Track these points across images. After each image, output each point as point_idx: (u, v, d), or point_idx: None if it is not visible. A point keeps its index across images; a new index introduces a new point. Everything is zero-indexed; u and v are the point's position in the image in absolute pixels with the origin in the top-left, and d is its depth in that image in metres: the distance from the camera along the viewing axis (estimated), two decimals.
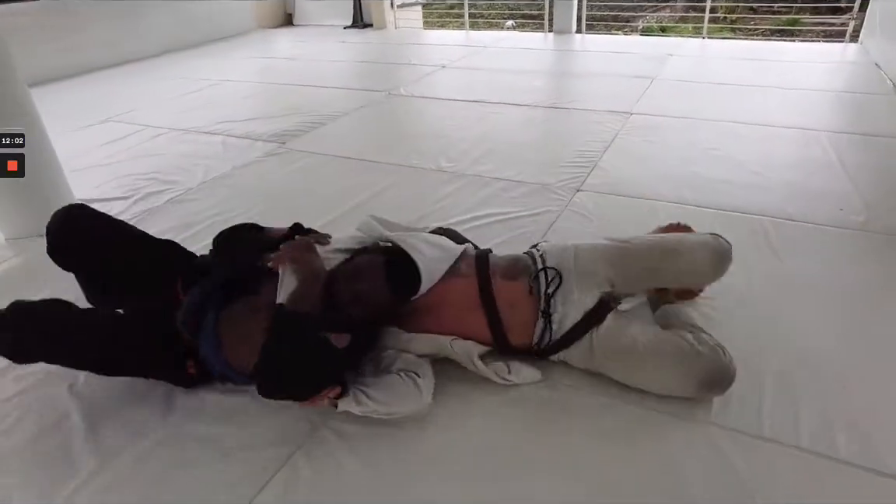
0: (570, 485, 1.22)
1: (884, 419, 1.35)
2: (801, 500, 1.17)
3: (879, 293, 1.84)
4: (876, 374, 1.49)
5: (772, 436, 1.31)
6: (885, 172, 2.66)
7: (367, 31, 6.83)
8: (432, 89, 4.34)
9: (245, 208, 2.57)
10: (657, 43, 5.82)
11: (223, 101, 4.35)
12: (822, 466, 1.24)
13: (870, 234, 2.16)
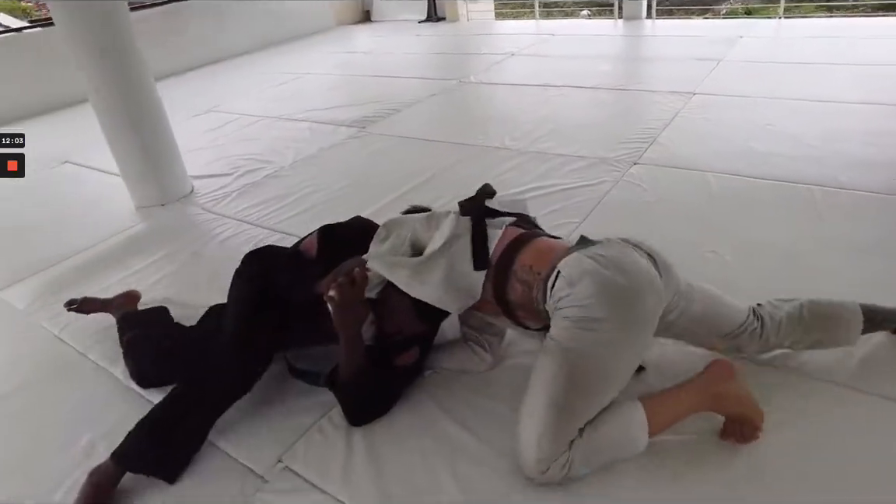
0: None
1: None
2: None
3: None
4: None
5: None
6: None
7: (441, 25, 7.13)
8: (501, 76, 4.56)
9: (331, 183, 2.92)
10: (729, 25, 5.77)
11: (308, 91, 4.78)
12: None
13: None
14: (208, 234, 2.55)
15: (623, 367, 1.21)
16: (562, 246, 1.32)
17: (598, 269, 1.18)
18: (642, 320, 1.20)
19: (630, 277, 1.18)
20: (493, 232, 1.37)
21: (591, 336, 1.16)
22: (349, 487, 1.29)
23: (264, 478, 1.34)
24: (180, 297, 2.08)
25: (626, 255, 1.23)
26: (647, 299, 1.19)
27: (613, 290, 1.17)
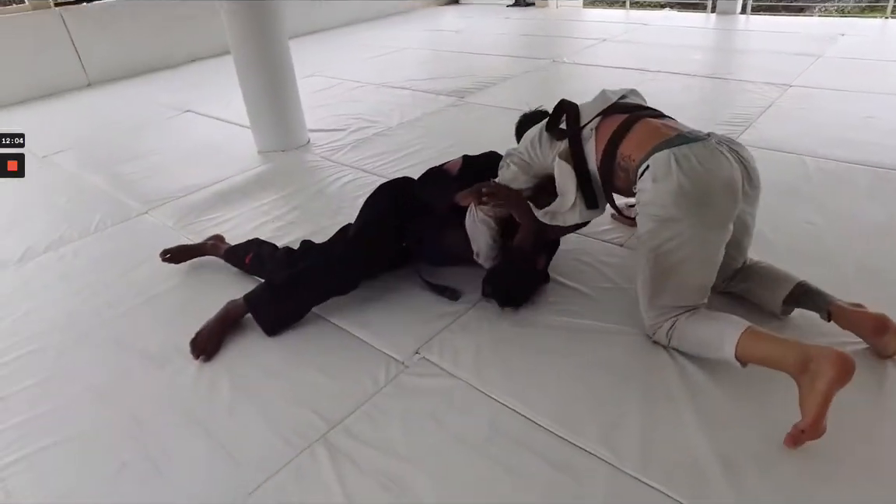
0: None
1: None
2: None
3: None
4: None
5: None
6: None
7: (529, 10, 7.25)
8: (593, 59, 4.67)
9: (437, 142, 3.14)
10: (829, 23, 5.64)
11: (405, 63, 5.03)
12: None
13: None
14: (330, 178, 2.82)
15: (699, 258, 1.37)
16: (663, 132, 1.40)
17: (681, 174, 1.30)
18: (716, 222, 1.35)
19: (710, 183, 1.31)
20: (588, 145, 1.54)
21: (667, 233, 1.35)
22: (478, 376, 1.51)
23: (404, 363, 1.58)
24: (308, 226, 2.36)
25: (714, 161, 1.31)
26: (722, 204, 1.33)
27: (690, 195, 1.30)
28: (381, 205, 1.96)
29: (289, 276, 1.79)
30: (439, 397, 1.47)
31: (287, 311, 1.76)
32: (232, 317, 1.76)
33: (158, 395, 1.57)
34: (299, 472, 1.30)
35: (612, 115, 1.52)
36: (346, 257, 1.82)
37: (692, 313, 1.42)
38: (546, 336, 1.66)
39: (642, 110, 1.54)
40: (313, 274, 1.78)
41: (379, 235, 1.87)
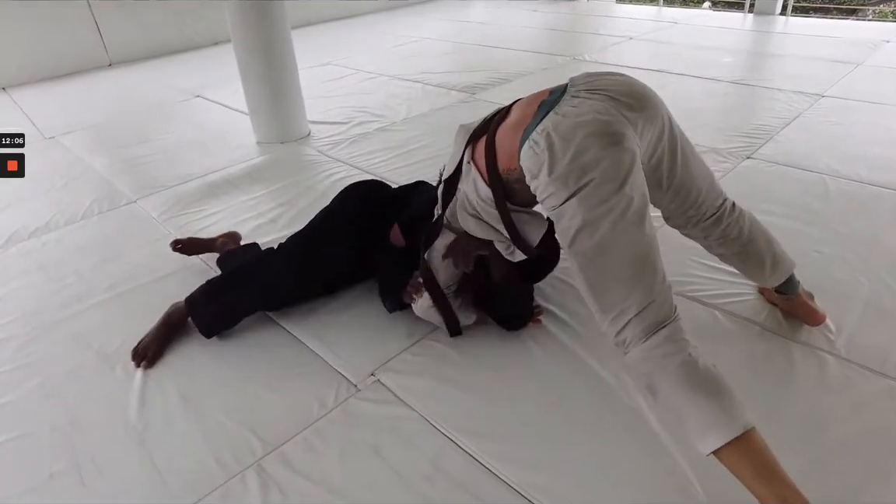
0: None
1: None
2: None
3: None
4: None
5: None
6: None
7: (560, 3, 7.02)
8: (616, 58, 4.48)
9: (436, 140, 3.03)
10: (875, 28, 5.30)
11: (423, 55, 4.91)
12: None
13: None
14: (322, 174, 2.74)
15: (618, 229, 1.10)
16: (520, 126, 1.21)
17: (546, 155, 1.11)
18: (611, 180, 1.09)
19: (580, 146, 1.10)
20: (469, 178, 1.37)
21: (572, 222, 1.12)
22: (430, 405, 1.42)
23: (357, 386, 1.49)
24: (289, 224, 2.29)
25: (572, 120, 1.12)
26: (607, 158, 1.10)
27: (566, 169, 1.10)
28: (341, 207, 1.83)
29: (226, 274, 1.74)
30: (386, 427, 1.38)
31: (221, 312, 1.67)
32: (174, 320, 1.70)
33: (102, 398, 1.52)
34: (226, 498, 1.23)
35: (479, 140, 1.35)
36: (287, 246, 1.76)
37: (678, 354, 1.07)
38: (511, 365, 1.55)
39: (496, 116, 1.36)
40: (252, 265, 1.73)
41: (325, 246, 1.74)
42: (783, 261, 1.54)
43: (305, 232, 1.81)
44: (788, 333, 1.61)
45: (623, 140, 1.13)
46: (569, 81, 1.25)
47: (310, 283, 1.75)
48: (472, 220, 1.41)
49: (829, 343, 1.56)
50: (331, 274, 1.78)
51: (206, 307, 1.67)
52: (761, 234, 1.52)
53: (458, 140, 1.43)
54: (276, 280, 1.70)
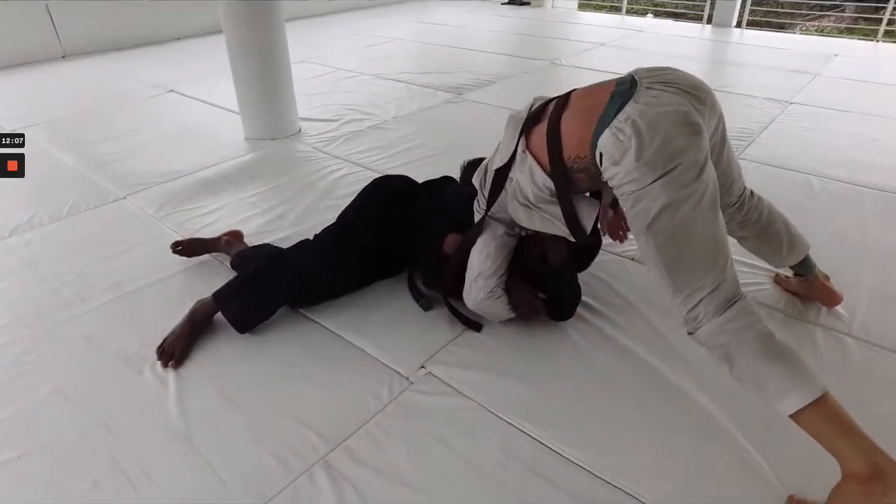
0: None
1: None
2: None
3: None
4: None
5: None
6: None
7: (524, 9, 7.15)
8: (591, 62, 4.60)
9: (433, 139, 3.03)
10: (823, 43, 5.68)
11: (399, 55, 4.89)
12: None
13: None
14: (322, 171, 2.68)
15: (696, 214, 1.15)
16: (591, 112, 1.24)
17: (633, 142, 1.14)
18: (692, 167, 1.15)
19: (666, 134, 1.13)
20: (525, 167, 1.37)
21: (653, 203, 1.15)
22: (488, 395, 1.41)
23: (409, 379, 1.47)
24: (297, 221, 2.24)
25: (655, 110, 1.16)
26: (688, 146, 1.15)
27: (653, 155, 1.13)
28: (370, 197, 1.84)
29: (257, 266, 1.68)
30: (447, 418, 1.36)
31: (255, 304, 1.62)
32: (200, 316, 1.62)
33: (133, 401, 1.43)
34: (296, 498, 1.18)
35: (533, 129, 1.37)
36: (319, 240, 1.75)
37: (753, 326, 1.13)
38: (558, 354, 1.57)
39: (551, 103, 1.38)
40: (284, 259, 1.69)
41: (359, 224, 1.76)
42: (799, 242, 1.64)
43: (335, 225, 1.78)
44: (809, 318, 1.70)
45: (702, 130, 1.18)
46: (633, 74, 1.27)
47: (342, 274, 1.72)
48: (522, 209, 1.41)
49: (846, 326, 1.66)
50: (362, 265, 1.75)
51: (237, 301, 1.61)
52: (778, 216, 1.62)
53: (510, 130, 1.43)
54: (310, 271, 1.66)
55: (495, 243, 1.53)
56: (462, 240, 1.57)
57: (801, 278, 1.72)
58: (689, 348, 1.53)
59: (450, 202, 1.77)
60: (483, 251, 1.53)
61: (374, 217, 1.77)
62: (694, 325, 1.18)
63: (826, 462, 1.07)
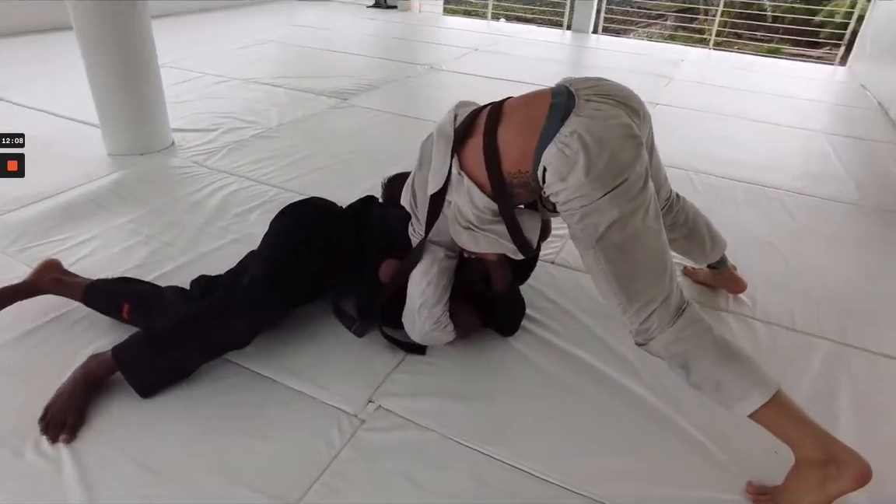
0: None
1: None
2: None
3: (870, 246, 2.30)
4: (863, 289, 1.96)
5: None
6: (873, 166, 3.12)
7: (392, 12, 7.10)
8: (471, 67, 4.67)
9: (325, 147, 2.87)
10: (667, 49, 6.30)
11: (272, 58, 4.60)
12: None
13: (862, 208, 2.62)
14: (207, 187, 2.41)
15: (644, 225, 1.16)
16: (531, 124, 1.19)
17: (581, 158, 1.12)
18: (638, 178, 1.16)
19: (613, 147, 1.13)
20: (462, 188, 1.30)
21: (602, 218, 1.15)
22: (447, 422, 1.34)
23: (359, 417, 1.34)
24: (190, 248, 1.98)
25: (600, 123, 1.14)
26: (634, 158, 1.15)
27: (602, 169, 1.12)
28: (290, 233, 1.60)
29: (173, 322, 1.40)
30: (409, 453, 1.26)
31: (169, 366, 1.37)
32: (95, 377, 1.35)
33: (18, 493, 1.15)
34: None
35: (465, 144, 1.29)
36: (251, 300, 1.43)
37: (706, 333, 1.17)
38: (505, 366, 1.53)
39: (481, 115, 1.31)
40: (206, 319, 1.40)
41: (291, 271, 1.51)
42: (719, 240, 1.75)
43: (259, 270, 1.52)
44: (720, 305, 1.84)
45: (643, 142, 1.19)
46: (567, 85, 1.25)
47: (279, 316, 1.52)
48: (465, 233, 1.32)
49: (751, 311, 1.82)
50: (295, 301, 1.57)
51: (143, 363, 1.35)
52: (701, 218, 1.72)
53: (440, 149, 1.32)
54: (241, 329, 1.42)
55: (436, 269, 1.43)
56: (398, 266, 1.47)
57: (715, 271, 1.84)
58: (625, 346, 1.58)
59: (378, 226, 1.65)
60: (424, 278, 1.43)
61: (297, 251, 1.55)
62: (646, 336, 1.20)
63: (774, 446, 1.16)
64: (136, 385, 1.34)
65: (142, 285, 1.64)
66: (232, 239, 2.04)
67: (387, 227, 1.61)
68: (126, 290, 1.59)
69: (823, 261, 2.15)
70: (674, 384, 1.42)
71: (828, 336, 1.73)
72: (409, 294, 1.46)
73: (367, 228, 1.64)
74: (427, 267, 1.43)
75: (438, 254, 1.44)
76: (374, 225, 1.65)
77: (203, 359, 1.42)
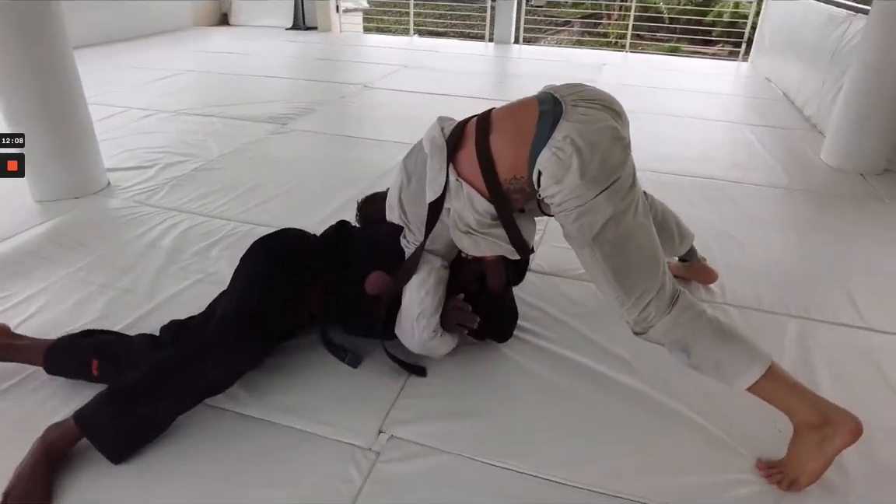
0: None
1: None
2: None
3: (804, 225, 2.49)
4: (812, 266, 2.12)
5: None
6: (792, 151, 3.37)
7: (312, 34, 7.00)
8: (402, 84, 4.67)
9: (275, 175, 2.78)
10: (587, 54, 6.58)
11: (197, 87, 4.43)
12: None
13: (793, 191, 2.83)
14: (158, 227, 2.26)
15: (637, 221, 1.22)
16: (522, 131, 1.25)
17: (575, 162, 1.16)
18: (628, 178, 1.22)
19: (603, 150, 1.18)
20: (463, 194, 1.33)
21: (598, 216, 1.20)
22: (464, 442, 1.32)
23: (373, 450, 1.29)
24: (151, 292, 1.85)
25: (588, 126, 1.19)
26: (623, 158, 1.22)
27: (596, 171, 1.17)
28: (262, 266, 1.51)
29: (140, 373, 1.28)
30: (433, 479, 1.23)
31: (139, 422, 1.25)
32: (58, 447, 1.22)
33: None
34: None
35: (458, 154, 1.34)
36: (224, 340, 1.33)
37: (701, 316, 1.23)
38: (505, 377, 1.54)
39: (468, 126, 1.36)
40: (177, 365, 1.29)
41: (266, 305, 1.42)
42: (687, 233, 1.83)
43: (230, 303, 1.44)
44: (695, 296, 1.90)
45: (629, 143, 1.26)
46: (552, 93, 1.28)
47: (258, 355, 1.44)
48: (466, 237, 1.35)
49: (723, 297, 1.91)
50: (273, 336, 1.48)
51: (109, 424, 1.22)
52: (668, 213, 1.79)
53: (436, 159, 1.35)
54: (217, 374, 1.33)
55: (433, 278, 1.42)
56: (394, 277, 1.44)
57: (686, 263, 1.92)
58: (614, 343, 1.63)
59: (366, 244, 1.61)
60: (422, 288, 1.42)
61: (272, 283, 1.47)
62: (645, 325, 1.25)
63: (774, 421, 1.26)
64: (104, 450, 1.22)
65: (108, 335, 1.52)
66: (196, 280, 1.93)
67: (376, 243, 1.57)
68: (91, 343, 1.46)
69: (775, 243, 2.30)
70: (671, 375, 1.48)
71: (793, 313, 1.84)
72: (406, 304, 1.44)
73: (352, 251, 1.59)
74: (424, 276, 1.43)
75: (435, 263, 1.44)
76: (360, 244, 1.60)
77: (178, 409, 1.30)
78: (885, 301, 1.91)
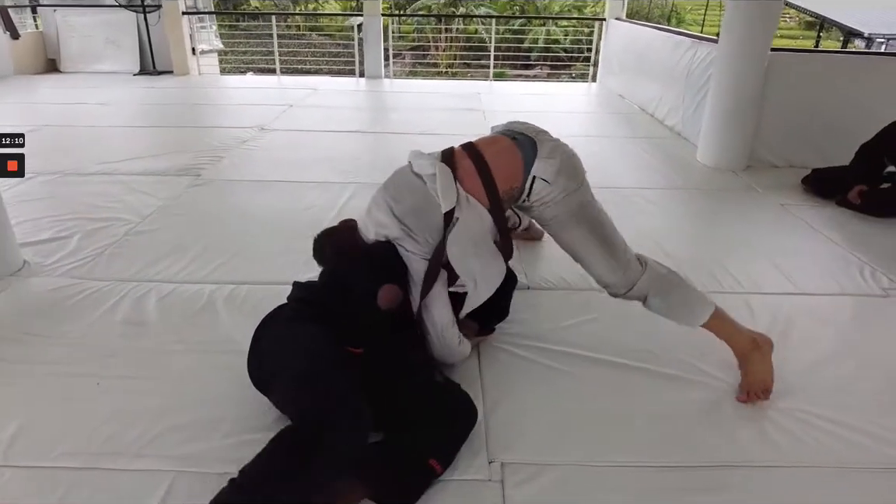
0: None
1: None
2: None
3: (712, 216, 2.95)
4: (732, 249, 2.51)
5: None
6: (669, 156, 3.93)
7: (167, 78, 6.53)
8: (297, 124, 4.60)
9: (219, 229, 2.65)
10: (457, 85, 7.00)
11: (69, 145, 3.94)
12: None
13: (689, 189, 3.33)
14: (126, 300, 2.01)
15: (601, 208, 1.65)
16: (511, 152, 1.59)
17: (558, 164, 1.56)
18: (586, 181, 1.66)
19: (575, 162, 1.62)
20: (472, 205, 1.55)
21: (584, 198, 1.61)
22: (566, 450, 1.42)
23: (493, 480, 1.33)
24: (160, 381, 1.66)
25: (562, 146, 1.63)
26: (582, 168, 1.65)
27: (571, 170, 1.59)
28: (305, 362, 1.35)
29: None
30: (568, 492, 1.31)
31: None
32: None
33: None
34: None
35: (456, 173, 1.55)
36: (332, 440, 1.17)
37: (665, 269, 1.65)
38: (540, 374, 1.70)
39: (454, 154, 1.61)
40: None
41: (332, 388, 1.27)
42: None
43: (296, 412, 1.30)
44: None
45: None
46: (510, 128, 1.70)
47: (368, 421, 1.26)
48: (469, 242, 1.55)
49: None
50: None
51: None
52: None
53: (444, 175, 1.53)
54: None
55: (445, 290, 1.58)
56: (421, 288, 1.53)
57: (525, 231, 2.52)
58: (582, 336, 1.84)
59: (365, 271, 1.54)
60: (439, 300, 1.56)
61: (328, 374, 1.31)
62: (631, 281, 1.62)
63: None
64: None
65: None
66: (208, 350, 1.77)
67: (370, 263, 1.56)
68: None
69: (702, 234, 2.71)
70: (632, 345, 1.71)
71: (737, 291, 2.19)
72: (435, 318, 1.54)
73: (352, 287, 1.52)
74: (440, 290, 1.56)
75: (443, 275, 1.57)
76: (353, 276, 1.54)
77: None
78: (758, 268, 2.35)
